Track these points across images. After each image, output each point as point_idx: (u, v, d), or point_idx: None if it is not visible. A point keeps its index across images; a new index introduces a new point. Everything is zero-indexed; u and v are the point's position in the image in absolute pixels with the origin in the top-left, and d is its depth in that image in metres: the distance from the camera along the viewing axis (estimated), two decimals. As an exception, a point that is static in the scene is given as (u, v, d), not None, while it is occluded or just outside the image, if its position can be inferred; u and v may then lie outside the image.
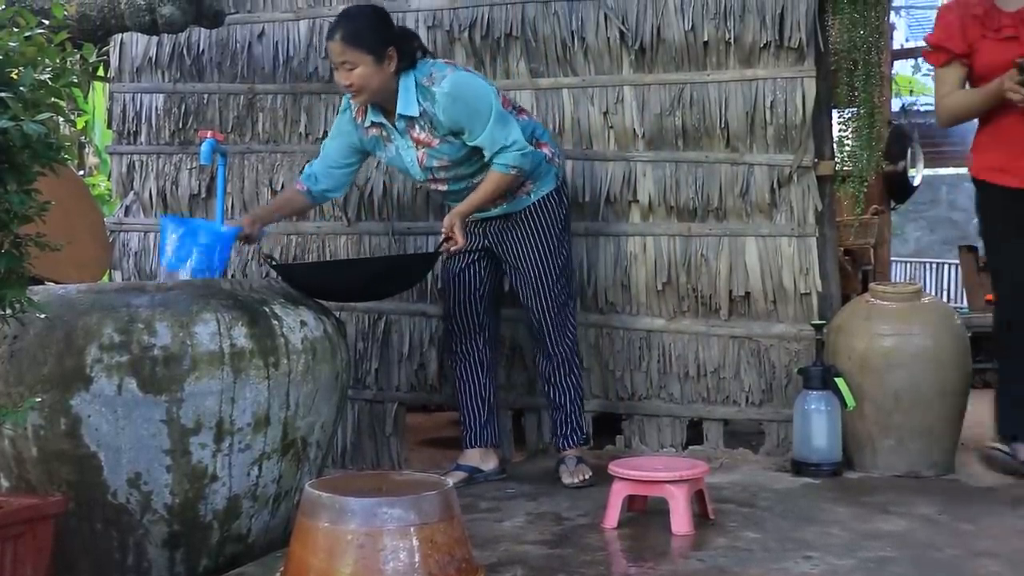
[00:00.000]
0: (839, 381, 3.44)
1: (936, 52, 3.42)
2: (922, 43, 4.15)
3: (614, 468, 2.85)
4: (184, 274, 3.10)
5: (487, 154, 3.21)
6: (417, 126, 3.24)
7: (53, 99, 2.13)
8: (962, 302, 7.77)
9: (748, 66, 3.74)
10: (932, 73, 3.57)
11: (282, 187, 4.18)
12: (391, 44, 3.17)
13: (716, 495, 3.02)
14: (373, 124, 3.32)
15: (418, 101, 3.19)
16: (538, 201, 3.41)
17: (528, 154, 3.25)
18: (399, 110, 3.22)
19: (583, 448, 3.51)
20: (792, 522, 2.86)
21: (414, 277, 3.49)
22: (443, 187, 3.40)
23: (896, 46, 9.59)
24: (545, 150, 3.43)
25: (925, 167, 8.08)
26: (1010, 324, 3.41)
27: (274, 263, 3.39)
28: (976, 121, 3.54)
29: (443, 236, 3.24)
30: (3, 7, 2.26)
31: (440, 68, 3.23)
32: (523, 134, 3.30)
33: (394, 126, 3.28)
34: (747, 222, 3.78)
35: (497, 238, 3.46)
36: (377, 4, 3.87)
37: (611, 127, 3.88)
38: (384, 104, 3.26)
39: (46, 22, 2.19)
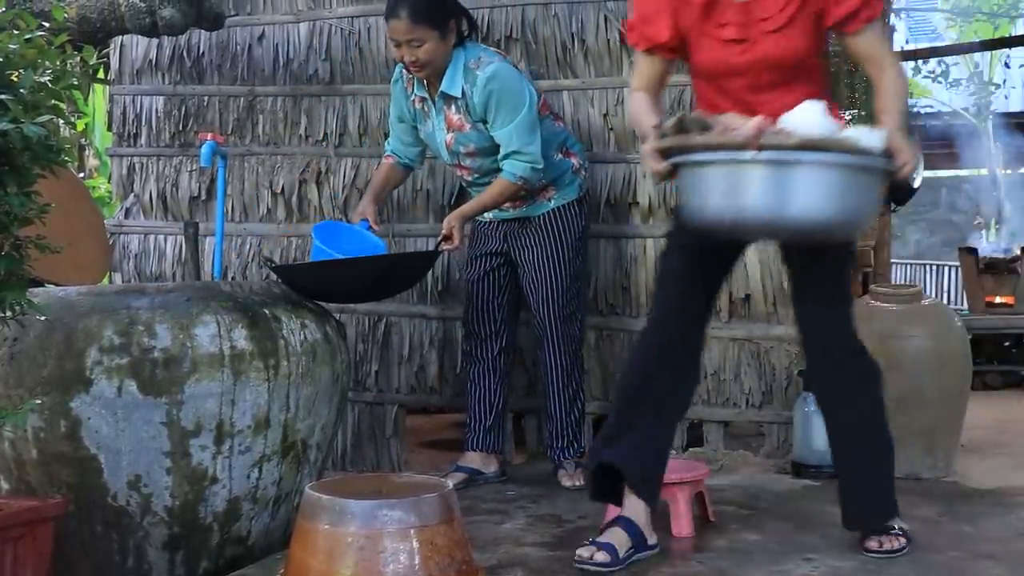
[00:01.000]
0: (839, 383, 3.43)
1: (635, 33, 2.52)
2: (923, 45, 3.91)
3: (614, 470, 2.84)
4: None
5: (501, 152, 3.23)
6: (454, 106, 3.26)
7: (53, 101, 2.13)
8: (962, 304, 7.76)
9: (748, 68, 3.74)
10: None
11: (282, 189, 4.18)
12: (452, 16, 3.20)
13: (716, 497, 3.01)
14: (418, 97, 3.36)
15: (462, 82, 3.21)
16: (558, 208, 3.42)
17: (540, 170, 3.26)
18: (443, 87, 3.24)
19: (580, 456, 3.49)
20: (792, 524, 2.85)
21: (414, 276, 3.49)
22: (468, 176, 3.43)
23: (896, 48, 9.59)
24: (573, 160, 3.45)
25: (924, 169, 8.06)
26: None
27: (273, 265, 3.38)
28: None
29: (442, 235, 3.26)
30: (3, 9, 2.27)
31: (490, 55, 3.27)
32: (555, 141, 3.35)
33: (433, 102, 3.30)
34: (747, 224, 3.77)
35: (514, 241, 3.46)
36: (375, 7, 3.89)
37: (611, 129, 3.88)
38: (431, 79, 3.28)
39: (46, 24, 2.20)
